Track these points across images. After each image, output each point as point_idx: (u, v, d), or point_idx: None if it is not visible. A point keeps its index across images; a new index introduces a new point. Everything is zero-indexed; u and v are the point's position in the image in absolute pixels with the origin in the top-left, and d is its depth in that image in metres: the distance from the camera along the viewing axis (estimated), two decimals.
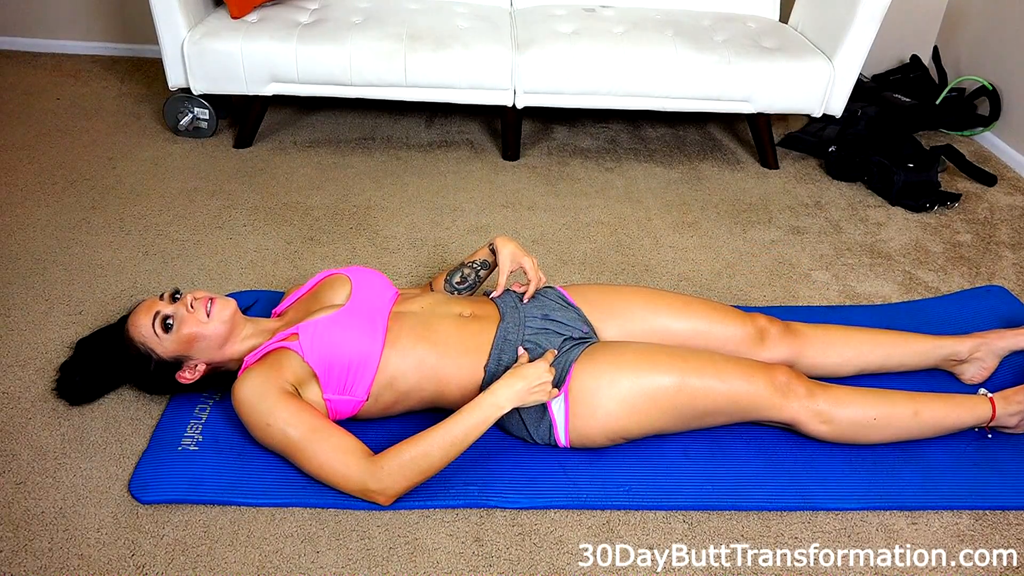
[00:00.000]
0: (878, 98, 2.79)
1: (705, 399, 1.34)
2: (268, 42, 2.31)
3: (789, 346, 1.52)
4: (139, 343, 1.37)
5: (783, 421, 1.38)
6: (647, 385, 1.33)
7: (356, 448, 1.26)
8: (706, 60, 2.35)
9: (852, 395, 1.40)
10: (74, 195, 2.20)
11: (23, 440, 1.41)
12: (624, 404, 1.33)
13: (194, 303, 1.38)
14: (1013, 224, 2.29)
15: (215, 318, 1.37)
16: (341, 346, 1.33)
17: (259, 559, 1.22)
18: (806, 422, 1.37)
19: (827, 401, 1.37)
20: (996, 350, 1.59)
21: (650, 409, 1.34)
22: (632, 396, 1.33)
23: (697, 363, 1.36)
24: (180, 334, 1.36)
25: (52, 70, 3.05)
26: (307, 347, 1.33)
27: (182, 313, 1.36)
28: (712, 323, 1.50)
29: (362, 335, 1.35)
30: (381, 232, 2.11)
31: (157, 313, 1.37)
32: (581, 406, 1.34)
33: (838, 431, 1.39)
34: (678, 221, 2.23)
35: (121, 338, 1.41)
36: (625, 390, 1.33)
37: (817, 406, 1.37)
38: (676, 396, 1.34)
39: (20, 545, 1.22)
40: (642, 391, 1.33)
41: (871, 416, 1.38)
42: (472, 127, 2.74)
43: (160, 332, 1.36)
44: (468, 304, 1.47)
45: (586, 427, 1.35)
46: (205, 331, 1.37)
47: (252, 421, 1.29)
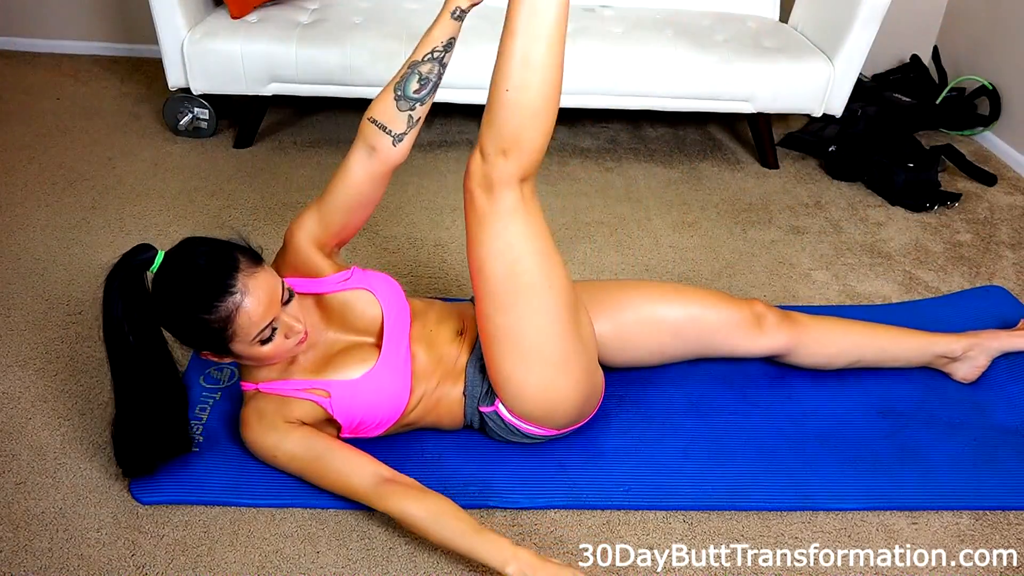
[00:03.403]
0: (878, 98, 2.79)
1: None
2: (268, 42, 2.31)
3: (786, 333, 1.50)
4: (234, 327, 1.16)
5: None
6: (543, 340, 1.25)
7: (363, 469, 1.23)
8: (706, 60, 2.35)
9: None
10: (74, 195, 2.20)
11: (23, 440, 1.41)
12: (534, 365, 1.26)
13: (290, 335, 1.24)
14: (1013, 224, 2.29)
15: (299, 348, 1.27)
16: (374, 407, 1.30)
17: (259, 559, 1.22)
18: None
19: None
20: (989, 350, 1.59)
21: (565, 353, 1.26)
22: (536, 356, 1.25)
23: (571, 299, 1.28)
24: (259, 352, 1.22)
25: (52, 70, 3.05)
26: (337, 407, 1.28)
27: (279, 338, 1.22)
28: (707, 308, 1.46)
29: (394, 395, 1.30)
30: (381, 232, 2.10)
31: (274, 320, 1.20)
32: (513, 400, 1.30)
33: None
34: (678, 221, 2.23)
35: (208, 290, 1.15)
36: (532, 357, 1.26)
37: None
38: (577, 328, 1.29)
39: (20, 545, 1.22)
40: (542, 345, 1.25)
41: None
42: (472, 127, 2.74)
43: (257, 340, 1.20)
44: (458, 316, 1.44)
45: (534, 409, 1.30)
46: (278, 360, 1.27)
47: (258, 450, 1.29)
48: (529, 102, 1.14)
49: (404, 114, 1.28)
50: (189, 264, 1.18)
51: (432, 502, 1.19)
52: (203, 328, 1.17)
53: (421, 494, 1.21)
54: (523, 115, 1.13)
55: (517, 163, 1.16)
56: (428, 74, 1.27)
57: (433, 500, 1.20)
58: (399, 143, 1.29)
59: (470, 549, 1.16)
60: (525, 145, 1.15)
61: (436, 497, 1.21)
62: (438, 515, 1.18)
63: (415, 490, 1.21)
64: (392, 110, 1.28)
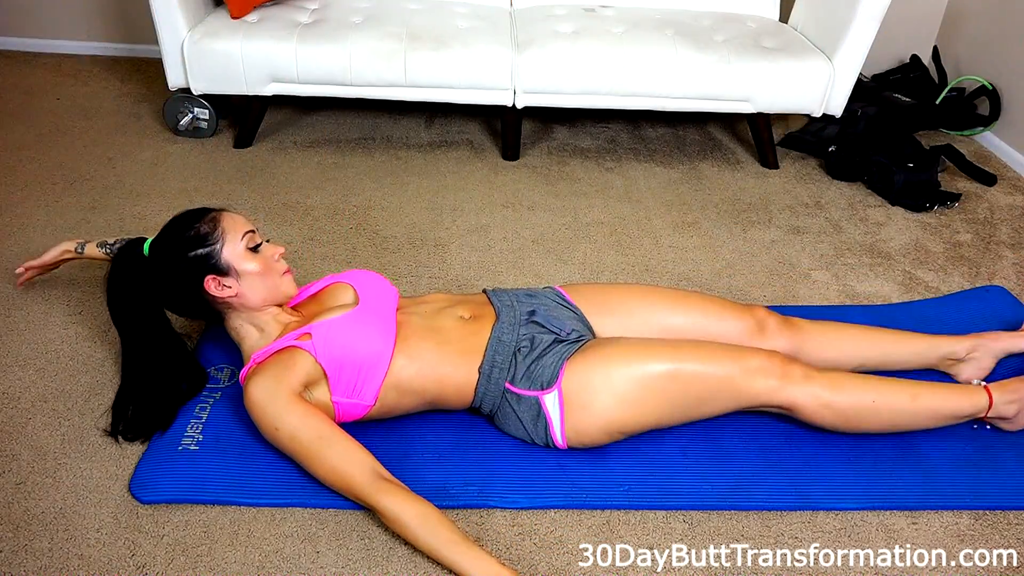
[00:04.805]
0: (878, 98, 2.79)
1: (701, 384, 1.34)
2: (268, 42, 2.31)
3: (788, 339, 1.51)
4: (220, 229, 1.38)
5: (781, 405, 1.36)
6: (640, 374, 1.33)
7: (362, 460, 1.25)
8: (706, 60, 2.35)
9: (850, 378, 1.40)
10: (74, 195, 2.20)
11: (23, 440, 1.41)
12: (618, 397, 1.33)
13: (277, 256, 1.44)
14: (1013, 224, 2.29)
15: (286, 278, 1.44)
16: (354, 346, 1.33)
17: (259, 559, 1.22)
18: (804, 405, 1.35)
19: (825, 383, 1.36)
20: (993, 351, 1.59)
21: (646, 399, 1.33)
22: (626, 387, 1.32)
23: (691, 349, 1.36)
24: (253, 263, 1.39)
25: (52, 70, 3.05)
26: (320, 347, 1.32)
27: (268, 252, 1.42)
28: (710, 316, 1.50)
29: (374, 335, 1.35)
30: (381, 232, 2.11)
31: (253, 232, 1.41)
32: (576, 403, 1.34)
33: (836, 414, 1.37)
34: (678, 221, 2.23)
35: (190, 218, 1.41)
36: (618, 382, 1.32)
37: (815, 388, 1.35)
38: (671, 383, 1.33)
39: (20, 545, 1.22)
40: (636, 381, 1.32)
41: (869, 399, 1.37)
42: (472, 127, 2.74)
43: (243, 246, 1.39)
44: (468, 307, 1.47)
45: (582, 424, 1.35)
46: (273, 279, 1.42)
47: (262, 424, 1.29)
48: (866, 423, 1.40)
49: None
50: (174, 218, 1.43)
51: (424, 507, 1.21)
52: (196, 237, 1.37)
53: (414, 496, 1.22)
54: (854, 422, 1.40)
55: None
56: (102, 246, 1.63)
57: (425, 505, 1.21)
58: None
59: (455, 561, 1.16)
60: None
61: (428, 504, 1.22)
62: (429, 520, 1.19)
63: (409, 492, 1.23)
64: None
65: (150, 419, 1.41)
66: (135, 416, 1.41)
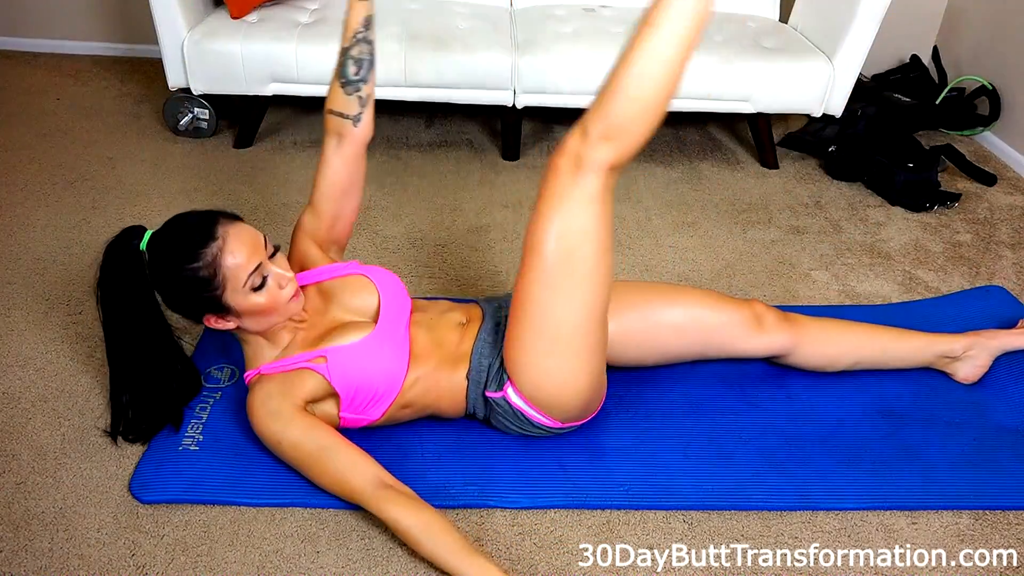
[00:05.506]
0: (878, 98, 2.79)
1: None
2: (268, 42, 2.31)
3: (786, 333, 1.51)
4: (221, 275, 1.22)
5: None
6: (566, 333, 1.26)
7: (365, 470, 1.23)
8: (706, 60, 2.35)
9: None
10: (74, 195, 2.20)
11: (23, 440, 1.41)
12: (560, 360, 1.28)
13: (285, 284, 1.29)
14: (1013, 224, 2.29)
15: (294, 302, 1.32)
16: (370, 375, 1.31)
17: (259, 559, 1.22)
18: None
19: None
20: (990, 349, 1.59)
21: (581, 349, 1.28)
22: (559, 348, 1.27)
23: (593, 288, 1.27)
24: (256, 301, 1.26)
25: (52, 70, 3.05)
26: (335, 372, 1.29)
27: (273, 287, 1.27)
28: (707, 310, 1.48)
29: (391, 364, 1.32)
30: (381, 232, 2.11)
31: (260, 266, 1.25)
32: (531, 386, 1.31)
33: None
34: (678, 221, 2.23)
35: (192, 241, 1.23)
36: (552, 347, 1.27)
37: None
38: (594, 325, 1.28)
39: (20, 545, 1.22)
40: (564, 340, 1.27)
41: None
42: (472, 127, 2.74)
43: (247, 288, 1.25)
44: (463, 311, 1.47)
45: (551, 400, 1.32)
46: (278, 311, 1.29)
47: (264, 434, 1.29)
48: (647, 94, 1.16)
49: (353, 97, 1.40)
50: (175, 225, 1.28)
51: (428, 515, 1.20)
52: (195, 281, 1.24)
53: (419, 504, 1.21)
54: (637, 106, 1.16)
55: (615, 151, 1.19)
56: (360, 55, 1.39)
57: (430, 513, 1.20)
58: (359, 123, 1.42)
59: (458, 568, 1.15)
60: (629, 135, 1.18)
61: (433, 511, 1.21)
62: (432, 528, 1.18)
63: (413, 500, 1.22)
64: (342, 98, 1.40)
65: (149, 421, 1.39)
66: (136, 418, 1.39)
